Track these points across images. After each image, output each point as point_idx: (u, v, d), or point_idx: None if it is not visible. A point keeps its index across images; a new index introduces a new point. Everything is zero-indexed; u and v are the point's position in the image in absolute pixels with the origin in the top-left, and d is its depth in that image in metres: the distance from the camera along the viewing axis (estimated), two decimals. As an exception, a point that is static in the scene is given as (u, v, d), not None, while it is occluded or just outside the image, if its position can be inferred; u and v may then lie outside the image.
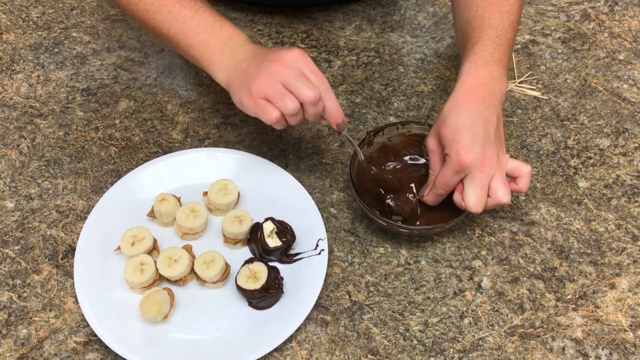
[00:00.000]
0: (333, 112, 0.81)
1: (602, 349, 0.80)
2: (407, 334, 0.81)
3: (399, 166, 0.92)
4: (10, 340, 0.81)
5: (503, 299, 0.84)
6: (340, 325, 0.82)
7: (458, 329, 0.82)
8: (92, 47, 1.09)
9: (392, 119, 1.01)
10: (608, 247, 0.88)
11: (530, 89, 1.04)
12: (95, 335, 0.79)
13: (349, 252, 0.88)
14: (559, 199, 0.93)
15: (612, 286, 0.85)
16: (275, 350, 0.79)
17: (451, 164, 0.79)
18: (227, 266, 0.83)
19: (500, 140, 0.81)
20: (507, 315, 0.83)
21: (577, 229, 0.90)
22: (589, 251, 0.88)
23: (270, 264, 0.83)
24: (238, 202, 0.90)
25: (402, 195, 0.86)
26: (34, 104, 1.02)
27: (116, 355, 0.79)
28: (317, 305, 0.83)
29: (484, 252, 0.88)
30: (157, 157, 0.94)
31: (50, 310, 0.83)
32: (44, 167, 0.95)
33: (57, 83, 1.04)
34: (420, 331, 0.82)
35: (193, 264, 0.83)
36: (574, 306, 0.84)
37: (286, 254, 0.85)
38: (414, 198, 0.86)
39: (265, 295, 0.80)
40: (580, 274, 0.86)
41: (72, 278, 0.84)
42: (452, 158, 0.78)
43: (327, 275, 0.85)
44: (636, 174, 0.95)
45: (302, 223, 0.87)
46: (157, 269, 0.82)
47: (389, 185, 0.86)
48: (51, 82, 1.04)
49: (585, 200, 0.92)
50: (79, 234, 0.87)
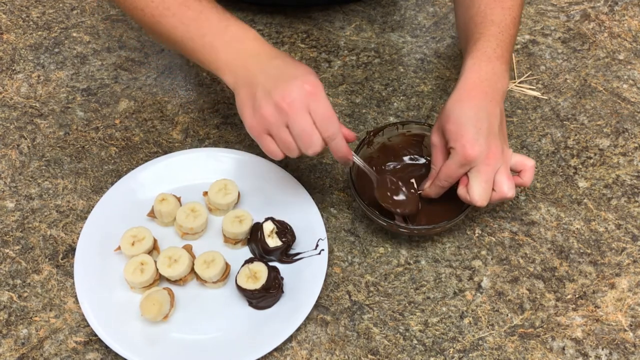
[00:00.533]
0: (337, 153, 0.80)
1: (602, 349, 0.80)
2: (407, 334, 0.81)
3: (399, 166, 0.92)
4: (11, 340, 0.81)
5: (503, 298, 0.84)
6: (340, 325, 0.82)
7: (458, 329, 0.82)
8: (93, 47, 1.09)
9: (392, 119, 1.01)
10: (608, 247, 0.88)
11: (530, 89, 1.04)
12: (96, 335, 0.79)
13: (349, 252, 0.88)
14: (559, 199, 0.93)
15: (612, 286, 0.85)
16: (276, 350, 0.80)
17: (456, 157, 0.79)
18: (227, 266, 0.84)
19: (503, 135, 0.81)
20: (507, 315, 0.83)
21: (577, 229, 0.90)
22: (588, 251, 0.88)
23: (271, 264, 0.83)
24: (238, 202, 0.90)
25: (403, 194, 0.87)
26: (34, 104, 1.02)
27: (116, 355, 0.79)
28: (317, 305, 0.83)
29: (484, 252, 0.88)
30: (157, 157, 0.94)
31: (50, 310, 0.83)
32: (44, 167, 0.95)
33: (58, 83, 1.04)
34: (420, 331, 0.82)
35: (193, 264, 0.83)
36: (573, 306, 0.84)
37: (286, 254, 0.85)
38: (415, 192, 0.86)
39: (265, 295, 0.80)
40: (580, 274, 0.86)
41: (73, 278, 0.84)
42: (457, 151, 0.78)
43: (327, 275, 0.85)
44: (636, 174, 0.95)
45: (302, 223, 0.87)
46: (157, 269, 0.82)
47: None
48: (51, 82, 1.05)
49: (585, 200, 0.93)
50: (79, 233, 0.87)
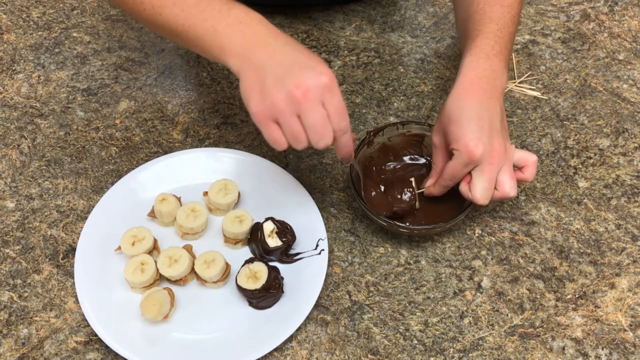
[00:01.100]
0: (342, 149, 0.77)
1: (602, 349, 0.81)
2: (407, 334, 0.81)
3: (399, 166, 0.92)
4: (11, 340, 0.81)
5: (503, 298, 0.84)
6: (340, 325, 0.82)
7: (458, 329, 0.82)
8: (93, 47, 1.09)
9: (392, 119, 1.01)
10: (608, 247, 0.88)
11: (530, 89, 1.04)
12: (96, 335, 0.80)
13: (349, 252, 0.88)
14: (559, 199, 0.93)
15: (612, 286, 0.85)
16: (276, 350, 0.80)
17: (460, 158, 0.78)
18: (227, 266, 0.84)
19: (505, 131, 0.81)
20: (507, 315, 0.83)
21: (577, 229, 0.90)
22: (588, 251, 0.88)
23: (271, 263, 0.83)
24: (238, 202, 0.90)
25: (402, 193, 0.87)
26: (34, 104, 1.02)
27: (116, 355, 0.79)
28: (317, 305, 0.83)
29: (484, 252, 0.88)
30: (158, 157, 0.94)
31: (50, 310, 0.83)
32: (44, 167, 0.95)
33: (58, 83, 1.05)
34: (420, 331, 0.82)
35: (193, 264, 0.83)
36: (573, 306, 0.84)
37: (286, 254, 0.85)
38: (414, 193, 0.87)
39: (265, 295, 0.80)
40: (580, 274, 0.86)
41: (73, 278, 0.84)
42: (461, 152, 0.78)
43: (327, 275, 0.85)
44: (636, 174, 0.95)
45: (303, 223, 0.87)
46: (157, 269, 0.82)
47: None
48: (52, 82, 1.05)
49: (585, 200, 0.93)
50: (79, 233, 0.87)
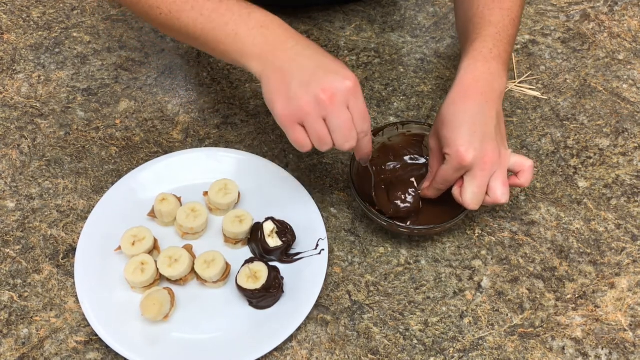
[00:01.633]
0: (362, 150, 0.79)
1: (602, 349, 0.81)
2: (407, 334, 0.82)
3: (399, 166, 0.92)
4: (11, 339, 0.81)
5: (503, 298, 0.84)
6: (340, 324, 0.82)
7: (458, 329, 0.82)
8: (93, 47, 1.09)
9: (392, 119, 1.01)
10: (608, 247, 0.89)
11: (530, 89, 1.04)
12: (96, 334, 0.80)
13: (349, 252, 0.88)
14: (559, 198, 0.93)
15: (612, 286, 0.85)
16: (276, 349, 0.80)
17: (451, 163, 0.79)
18: (227, 266, 0.84)
19: (501, 136, 0.81)
20: (507, 315, 0.83)
21: (577, 228, 0.90)
22: (588, 251, 0.88)
23: (271, 263, 0.83)
24: (238, 202, 0.90)
25: (403, 194, 0.87)
26: (34, 104, 1.02)
27: (117, 354, 0.79)
28: (317, 305, 0.83)
29: (484, 252, 0.88)
30: (158, 157, 0.94)
31: (51, 310, 0.83)
32: (44, 167, 0.95)
33: (58, 83, 1.05)
34: (420, 331, 0.82)
35: (193, 264, 0.83)
36: (573, 306, 0.84)
37: (286, 254, 0.85)
38: (415, 193, 0.87)
39: (265, 295, 0.80)
40: (580, 274, 0.86)
41: (73, 278, 0.84)
42: (452, 157, 0.78)
43: (328, 275, 0.85)
44: (636, 174, 0.95)
45: (303, 223, 0.87)
46: (157, 269, 0.82)
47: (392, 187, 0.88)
48: (52, 82, 1.05)
49: (585, 200, 0.93)
50: (79, 233, 0.87)
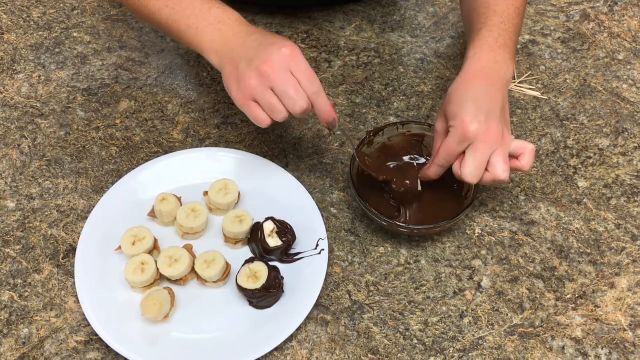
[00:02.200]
0: (323, 113, 0.81)
1: (602, 349, 0.81)
2: (407, 334, 0.82)
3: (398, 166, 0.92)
4: (12, 339, 0.81)
5: (503, 298, 0.84)
6: (340, 324, 0.82)
7: (458, 329, 0.82)
8: (93, 47, 1.09)
9: (392, 119, 1.01)
10: (608, 246, 0.89)
11: (530, 89, 1.04)
12: (96, 334, 0.80)
13: (349, 252, 0.88)
14: (559, 198, 0.93)
15: (612, 286, 0.85)
16: (276, 349, 0.80)
17: (455, 133, 0.79)
18: (227, 266, 0.84)
19: (506, 120, 0.81)
20: (507, 315, 0.83)
21: (577, 228, 0.90)
22: (588, 251, 0.88)
23: (271, 263, 0.84)
24: (238, 202, 0.90)
25: (403, 172, 0.87)
26: (35, 104, 1.02)
27: (117, 354, 0.79)
28: (317, 305, 0.83)
29: (484, 252, 0.88)
30: (158, 157, 0.94)
31: (51, 310, 0.83)
32: (45, 167, 0.95)
33: (58, 83, 1.05)
34: (420, 331, 0.82)
35: (194, 264, 0.83)
36: (573, 306, 0.84)
37: (286, 254, 0.85)
38: (414, 174, 0.87)
39: (265, 295, 0.80)
40: (580, 274, 0.86)
41: (73, 278, 0.84)
42: (456, 127, 0.78)
43: (328, 274, 0.85)
44: (636, 174, 0.95)
45: (303, 223, 0.87)
46: (157, 269, 0.82)
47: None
48: (52, 82, 1.05)
49: (585, 200, 0.93)
50: (79, 233, 0.87)
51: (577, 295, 0.84)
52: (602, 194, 0.93)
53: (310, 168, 0.96)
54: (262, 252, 0.84)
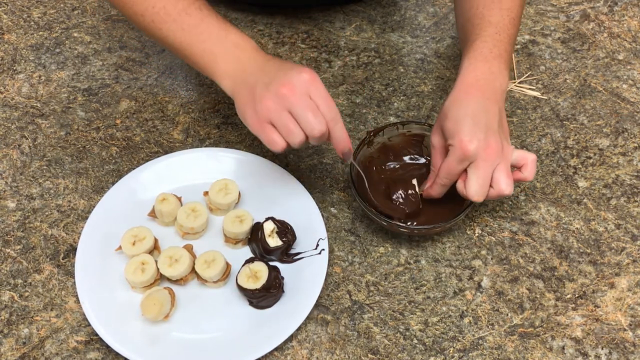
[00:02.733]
0: (339, 142, 0.80)
1: (602, 348, 0.81)
2: (407, 334, 0.82)
3: (398, 166, 0.92)
4: (12, 339, 0.81)
5: (503, 298, 0.84)
6: (340, 324, 0.82)
7: (458, 329, 0.82)
8: (93, 47, 1.09)
9: (392, 119, 1.01)
10: (607, 246, 0.89)
11: (530, 89, 1.04)
12: (97, 334, 0.80)
13: (349, 252, 0.88)
14: (559, 198, 0.93)
15: (612, 286, 0.85)
16: (276, 349, 0.80)
17: (455, 153, 0.79)
18: (227, 266, 0.84)
19: (504, 131, 0.81)
20: (507, 315, 0.83)
21: (577, 228, 0.90)
22: (588, 251, 0.88)
23: (271, 263, 0.84)
24: (239, 202, 0.90)
25: (404, 194, 0.87)
26: (35, 104, 1.02)
27: (117, 354, 0.79)
28: (317, 305, 0.83)
29: (483, 252, 0.88)
30: (158, 157, 0.94)
31: (51, 310, 0.83)
32: (45, 167, 0.95)
33: (59, 83, 1.05)
34: (420, 330, 0.82)
35: (194, 264, 0.83)
36: (573, 305, 0.84)
37: (287, 254, 0.85)
38: (415, 196, 0.87)
39: (265, 295, 0.80)
40: (580, 274, 0.86)
41: (73, 277, 0.84)
42: (455, 147, 0.78)
43: (328, 274, 0.85)
44: (635, 174, 0.95)
45: (303, 223, 0.87)
46: (158, 269, 0.82)
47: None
48: (52, 82, 1.05)
49: (584, 200, 0.93)
50: (80, 233, 0.88)
51: (577, 295, 0.85)
52: (602, 194, 0.93)
53: (310, 168, 0.96)
54: (262, 252, 0.85)
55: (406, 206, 0.87)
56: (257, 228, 0.85)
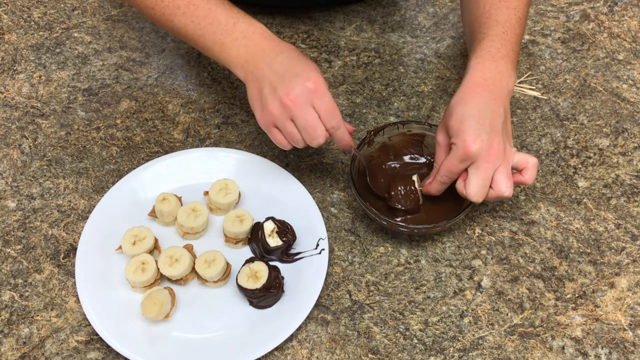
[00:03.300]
0: (340, 142, 0.83)
1: (602, 348, 0.81)
2: (407, 333, 0.82)
3: (398, 165, 0.92)
4: (12, 339, 0.81)
5: (503, 298, 0.84)
6: (340, 324, 0.82)
7: (458, 328, 0.82)
8: (94, 47, 1.09)
9: (392, 119, 1.01)
10: (607, 246, 0.89)
11: (530, 89, 1.05)
12: (97, 334, 0.80)
13: (349, 252, 0.88)
14: (559, 198, 0.93)
15: (612, 285, 0.85)
16: (276, 349, 0.80)
17: (457, 152, 0.79)
18: (228, 265, 0.84)
19: (507, 133, 0.81)
20: (507, 315, 0.83)
21: (577, 228, 0.90)
22: (588, 251, 0.88)
23: (271, 263, 0.84)
24: (239, 202, 0.90)
25: (404, 189, 0.87)
26: (35, 104, 1.02)
27: (117, 354, 0.79)
28: (317, 305, 0.83)
29: (483, 252, 0.88)
30: (159, 156, 0.94)
31: (51, 310, 0.83)
32: (45, 167, 0.95)
33: (59, 83, 1.05)
34: (420, 330, 0.82)
35: (194, 264, 0.83)
36: (573, 305, 0.84)
37: (287, 254, 0.85)
38: (415, 192, 0.87)
39: (266, 295, 0.81)
40: (580, 274, 0.86)
41: (74, 277, 0.84)
42: (458, 146, 0.78)
43: (328, 274, 0.85)
44: (635, 174, 0.95)
45: (303, 222, 0.87)
46: (158, 269, 0.82)
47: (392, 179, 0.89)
48: (53, 82, 1.05)
49: (584, 200, 0.93)
50: (80, 233, 0.88)
51: (577, 295, 0.85)
52: (601, 194, 0.93)
53: (310, 168, 0.96)
54: (262, 252, 0.85)
55: (406, 200, 0.86)
56: (258, 228, 0.85)
